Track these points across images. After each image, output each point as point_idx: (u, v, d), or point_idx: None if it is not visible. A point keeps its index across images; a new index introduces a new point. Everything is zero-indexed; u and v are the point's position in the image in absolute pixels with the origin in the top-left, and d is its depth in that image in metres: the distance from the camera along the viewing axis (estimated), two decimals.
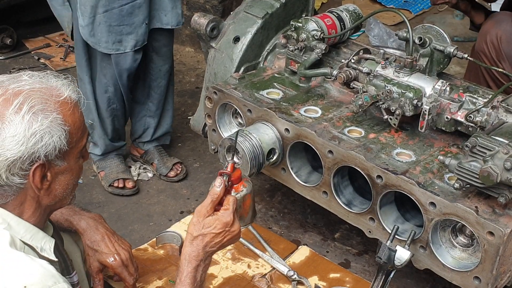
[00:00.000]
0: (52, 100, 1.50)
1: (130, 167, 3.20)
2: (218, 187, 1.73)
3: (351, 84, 2.30)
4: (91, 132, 3.00)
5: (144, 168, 3.21)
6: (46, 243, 1.59)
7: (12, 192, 1.51)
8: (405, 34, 2.25)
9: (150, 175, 3.19)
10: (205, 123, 2.60)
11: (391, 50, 2.39)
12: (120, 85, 2.90)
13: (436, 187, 1.97)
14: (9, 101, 1.45)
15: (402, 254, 1.92)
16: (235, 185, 1.82)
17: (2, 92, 1.47)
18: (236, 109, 2.41)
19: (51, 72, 1.59)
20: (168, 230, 2.57)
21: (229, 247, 2.46)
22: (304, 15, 2.74)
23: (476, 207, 1.86)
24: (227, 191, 1.78)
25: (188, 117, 3.65)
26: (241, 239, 2.50)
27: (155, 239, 2.50)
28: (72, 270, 1.81)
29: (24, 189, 1.51)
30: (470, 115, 2.06)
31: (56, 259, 1.61)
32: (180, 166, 3.17)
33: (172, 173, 3.13)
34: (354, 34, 3.19)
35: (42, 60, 4.42)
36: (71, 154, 1.56)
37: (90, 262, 2.01)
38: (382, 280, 1.95)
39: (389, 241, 1.93)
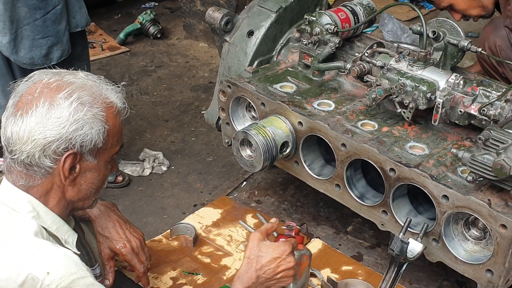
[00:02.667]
0: (100, 99, 1.57)
1: (144, 160, 3.23)
2: (274, 221, 1.90)
3: (364, 78, 2.31)
4: None
5: (159, 162, 3.24)
6: (69, 237, 1.64)
7: (40, 175, 1.55)
8: (419, 28, 2.26)
9: (164, 168, 3.21)
10: (219, 116, 2.62)
11: (405, 45, 2.39)
12: None
13: (449, 180, 1.97)
14: (62, 87, 1.53)
15: (415, 247, 1.93)
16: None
17: (57, 79, 1.56)
18: (250, 103, 2.43)
19: (105, 79, 1.67)
20: (182, 221, 2.60)
21: (242, 239, 2.49)
22: (318, 9, 2.75)
23: (489, 200, 1.86)
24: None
25: (202, 112, 3.68)
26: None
27: (169, 230, 2.53)
28: (95, 262, 1.84)
29: (52, 175, 1.56)
30: (483, 108, 2.06)
31: (78, 252, 1.63)
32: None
33: (120, 178, 3.08)
34: (368, 29, 3.19)
35: None
36: (103, 155, 1.61)
37: (101, 249, 2.02)
38: (394, 272, 1.96)
39: (401, 234, 1.94)
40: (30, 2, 2.50)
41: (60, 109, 1.50)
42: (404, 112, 2.18)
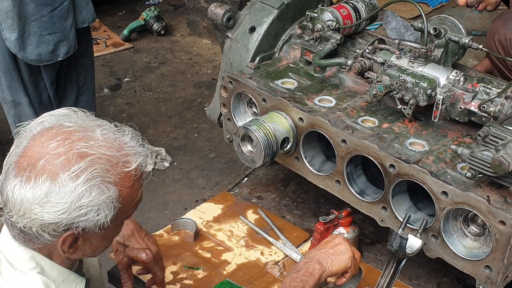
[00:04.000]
0: (116, 171, 1.35)
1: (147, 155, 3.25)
2: None
3: (365, 74, 2.31)
4: None
5: (161, 158, 3.25)
6: (77, 285, 1.51)
7: (39, 243, 1.41)
8: (420, 25, 2.26)
9: (166, 164, 3.23)
10: (220, 112, 2.63)
11: (406, 42, 2.39)
12: (50, 94, 2.84)
13: (448, 176, 1.98)
14: (70, 162, 1.31)
15: (414, 243, 1.93)
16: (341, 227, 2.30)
17: (66, 149, 1.32)
18: (251, 99, 2.43)
19: (130, 129, 1.43)
20: (183, 216, 2.61)
21: (243, 234, 2.50)
22: (320, 6, 2.75)
23: (488, 196, 1.86)
24: (329, 228, 2.27)
25: (204, 108, 3.69)
26: (254, 227, 2.54)
27: (170, 225, 2.54)
28: None
29: (52, 244, 1.40)
30: (483, 105, 2.06)
31: None
32: None
33: None
34: (372, 27, 3.20)
35: None
36: (113, 223, 1.42)
37: (119, 258, 1.97)
38: (393, 268, 1.97)
39: (400, 229, 1.95)
40: None
41: (62, 193, 1.29)
42: (404, 109, 2.18)
